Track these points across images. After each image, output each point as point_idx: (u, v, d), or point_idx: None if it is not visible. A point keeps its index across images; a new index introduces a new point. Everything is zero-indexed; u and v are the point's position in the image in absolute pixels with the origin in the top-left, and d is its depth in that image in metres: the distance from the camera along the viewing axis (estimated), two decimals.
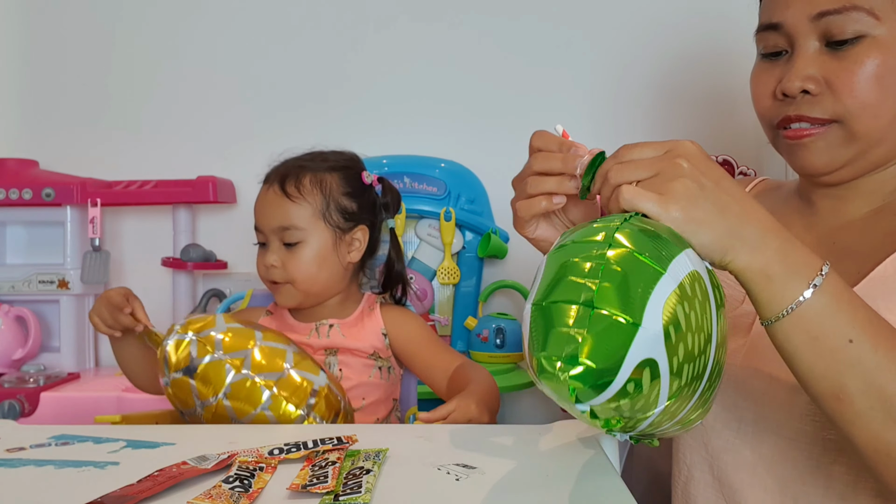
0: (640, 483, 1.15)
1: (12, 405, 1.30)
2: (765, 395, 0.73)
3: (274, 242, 1.06)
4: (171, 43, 1.60)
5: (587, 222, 0.56)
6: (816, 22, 0.69)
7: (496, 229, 1.46)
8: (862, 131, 0.69)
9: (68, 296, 1.48)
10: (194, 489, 0.58)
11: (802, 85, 0.70)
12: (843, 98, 0.69)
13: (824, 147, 0.71)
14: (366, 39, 1.57)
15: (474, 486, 0.59)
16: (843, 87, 0.69)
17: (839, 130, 0.70)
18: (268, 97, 1.59)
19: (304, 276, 1.05)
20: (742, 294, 0.79)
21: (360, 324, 1.12)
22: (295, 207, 1.05)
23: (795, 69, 0.70)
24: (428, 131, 1.56)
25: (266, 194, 1.07)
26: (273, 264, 1.04)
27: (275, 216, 1.06)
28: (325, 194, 1.06)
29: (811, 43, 0.70)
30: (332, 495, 0.56)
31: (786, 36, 0.72)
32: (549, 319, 0.47)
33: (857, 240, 0.74)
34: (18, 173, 1.47)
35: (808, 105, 0.71)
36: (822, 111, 0.70)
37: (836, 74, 0.69)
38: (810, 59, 0.70)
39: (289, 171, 1.09)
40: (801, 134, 0.71)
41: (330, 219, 1.06)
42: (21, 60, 1.63)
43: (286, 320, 1.13)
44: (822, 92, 0.70)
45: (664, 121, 1.52)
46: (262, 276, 1.07)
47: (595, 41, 1.54)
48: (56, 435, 0.73)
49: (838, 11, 0.68)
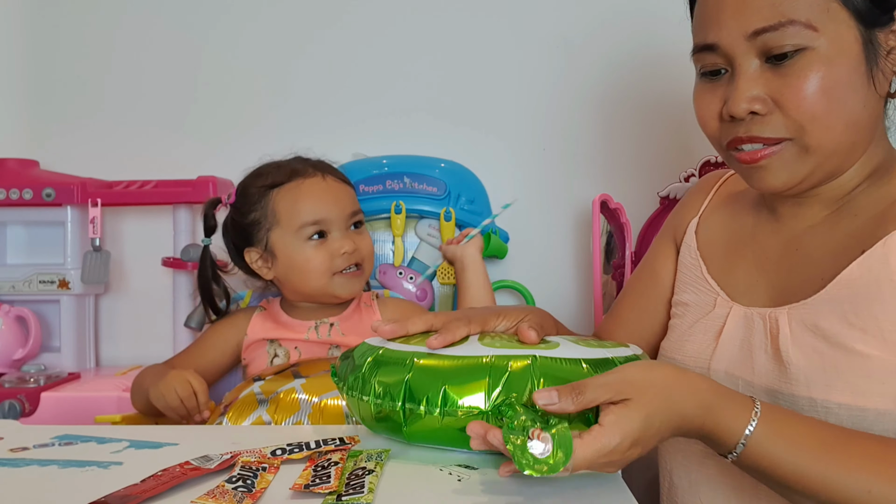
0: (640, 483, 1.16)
1: (13, 405, 1.30)
2: None
3: (342, 229, 1.10)
4: (171, 43, 1.60)
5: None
6: (753, 40, 0.67)
7: (496, 229, 1.46)
8: (815, 144, 0.68)
9: (69, 296, 1.48)
10: (197, 489, 0.58)
11: (749, 107, 0.69)
12: (793, 114, 0.67)
13: (781, 165, 0.70)
14: (366, 39, 1.57)
15: (476, 486, 0.60)
16: (790, 103, 0.67)
17: (793, 147, 0.69)
18: (268, 97, 1.59)
19: (371, 255, 1.15)
20: (713, 298, 0.81)
21: (359, 320, 1.13)
22: (352, 192, 1.15)
23: (739, 91, 0.69)
24: (428, 131, 1.56)
25: (324, 183, 1.11)
26: (350, 249, 1.09)
27: (345, 201, 1.11)
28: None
29: (751, 61, 0.69)
30: (334, 495, 0.56)
31: (723, 56, 0.70)
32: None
33: (820, 243, 0.75)
34: (18, 173, 1.46)
35: (758, 125, 0.69)
36: (773, 130, 0.69)
37: (782, 91, 0.67)
38: (752, 78, 0.69)
39: (321, 164, 1.14)
40: (756, 157, 0.70)
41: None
42: (21, 60, 1.63)
43: (279, 318, 1.14)
44: (770, 111, 0.68)
45: (660, 123, 1.53)
46: (329, 266, 1.09)
47: (596, 41, 1.54)
48: (59, 435, 0.73)
49: (774, 28, 0.66)
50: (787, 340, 0.71)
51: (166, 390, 0.97)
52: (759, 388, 0.73)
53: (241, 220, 1.14)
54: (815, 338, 0.69)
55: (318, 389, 0.94)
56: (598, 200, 1.37)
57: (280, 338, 1.12)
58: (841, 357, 0.67)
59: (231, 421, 0.94)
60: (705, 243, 0.86)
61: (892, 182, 0.73)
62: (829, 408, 0.66)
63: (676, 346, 0.83)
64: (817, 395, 0.67)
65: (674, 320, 0.87)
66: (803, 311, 0.71)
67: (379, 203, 1.44)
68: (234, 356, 1.15)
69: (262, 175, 1.14)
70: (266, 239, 1.11)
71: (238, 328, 1.15)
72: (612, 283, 1.47)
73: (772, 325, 0.73)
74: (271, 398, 0.94)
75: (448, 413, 0.62)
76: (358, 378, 0.68)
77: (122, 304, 1.60)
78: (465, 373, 0.64)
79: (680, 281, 0.88)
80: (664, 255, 0.92)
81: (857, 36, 0.67)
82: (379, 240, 1.48)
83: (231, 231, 1.16)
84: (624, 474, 0.67)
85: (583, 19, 1.54)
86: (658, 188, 1.46)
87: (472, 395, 0.62)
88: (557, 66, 1.55)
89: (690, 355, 0.80)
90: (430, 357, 0.66)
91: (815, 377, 0.68)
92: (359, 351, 0.73)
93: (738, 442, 0.60)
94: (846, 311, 0.67)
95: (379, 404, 0.65)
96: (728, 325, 0.78)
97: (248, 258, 1.14)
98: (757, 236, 0.81)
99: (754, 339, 0.75)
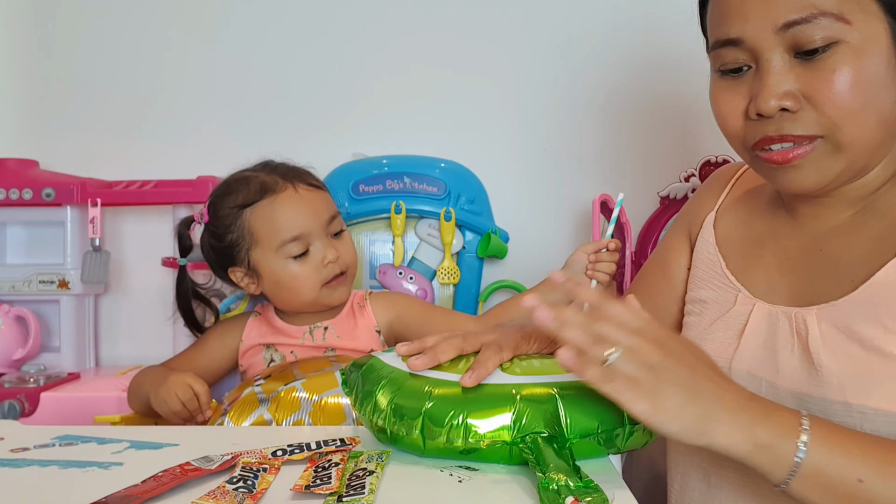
0: (640, 483, 1.16)
1: (12, 405, 1.30)
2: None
3: (322, 238, 1.08)
4: (171, 43, 1.60)
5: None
6: (783, 33, 0.64)
7: (496, 229, 1.46)
8: (848, 141, 0.65)
9: (68, 296, 1.48)
10: (198, 489, 0.58)
11: (779, 104, 0.65)
12: (826, 110, 0.64)
13: (813, 166, 0.67)
14: (366, 39, 1.57)
15: (476, 487, 0.60)
16: (823, 99, 0.64)
17: (825, 145, 0.66)
18: (268, 97, 1.59)
19: (354, 259, 1.12)
20: (734, 295, 0.78)
21: (353, 322, 1.13)
22: (327, 195, 1.11)
23: (769, 87, 0.65)
24: (428, 131, 1.56)
25: (297, 196, 1.07)
26: (334, 258, 1.07)
27: (321, 209, 1.09)
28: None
29: (778, 55, 0.65)
30: (335, 496, 0.56)
31: (748, 51, 0.67)
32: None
33: (844, 246, 0.72)
34: (18, 173, 1.46)
35: (789, 122, 0.66)
36: (806, 127, 0.66)
37: (814, 86, 0.64)
38: (782, 73, 0.65)
39: (290, 172, 1.10)
40: (788, 158, 0.67)
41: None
42: (21, 60, 1.63)
43: (274, 323, 1.13)
44: (801, 107, 0.65)
45: (660, 123, 1.53)
46: (316, 279, 1.07)
47: (596, 41, 1.54)
48: (60, 435, 0.73)
49: (806, 20, 0.63)
50: (817, 342, 0.68)
51: (167, 396, 0.97)
52: (784, 389, 0.71)
53: (218, 244, 1.10)
54: (849, 341, 0.66)
55: (318, 388, 0.94)
56: (598, 200, 1.37)
57: (276, 343, 1.12)
58: (877, 362, 0.64)
59: (232, 420, 0.94)
60: (724, 238, 0.83)
61: None
62: (864, 413, 0.64)
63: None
64: (853, 400, 0.65)
65: (690, 318, 0.84)
66: (833, 313, 0.68)
67: (379, 203, 1.44)
68: (232, 360, 1.15)
69: (231, 193, 1.10)
70: (248, 258, 1.09)
71: (234, 333, 1.15)
72: (613, 283, 1.47)
73: (798, 325, 0.71)
74: (272, 397, 0.94)
75: (470, 444, 0.62)
76: (371, 400, 0.67)
77: (121, 304, 1.60)
78: (487, 402, 0.63)
79: (696, 277, 0.84)
80: (677, 250, 0.89)
81: (887, 28, 0.64)
82: (379, 240, 1.48)
83: (210, 251, 1.13)
84: (624, 474, 0.67)
85: (583, 19, 1.54)
86: (658, 188, 1.46)
87: (495, 425, 0.63)
88: (557, 65, 1.55)
89: (710, 354, 0.78)
90: (446, 387, 0.65)
91: (849, 381, 0.65)
92: (371, 368, 0.70)
93: (799, 437, 0.58)
94: (882, 315, 0.65)
95: (396, 429, 0.65)
96: (751, 323, 0.75)
97: (234, 277, 1.12)
98: (775, 235, 0.78)
99: (779, 338, 0.72)
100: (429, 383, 0.65)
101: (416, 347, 0.70)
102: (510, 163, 1.56)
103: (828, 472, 0.58)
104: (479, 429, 0.62)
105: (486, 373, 0.65)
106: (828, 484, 0.58)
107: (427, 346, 0.69)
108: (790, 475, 0.58)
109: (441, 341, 0.69)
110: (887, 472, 0.57)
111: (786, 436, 0.58)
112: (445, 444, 0.63)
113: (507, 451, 0.63)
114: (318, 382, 0.95)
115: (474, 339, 0.70)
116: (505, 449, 0.62)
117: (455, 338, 0.70)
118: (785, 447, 0.58)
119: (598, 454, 0.65)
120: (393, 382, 0.67)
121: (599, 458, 0.66)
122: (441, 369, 0.67)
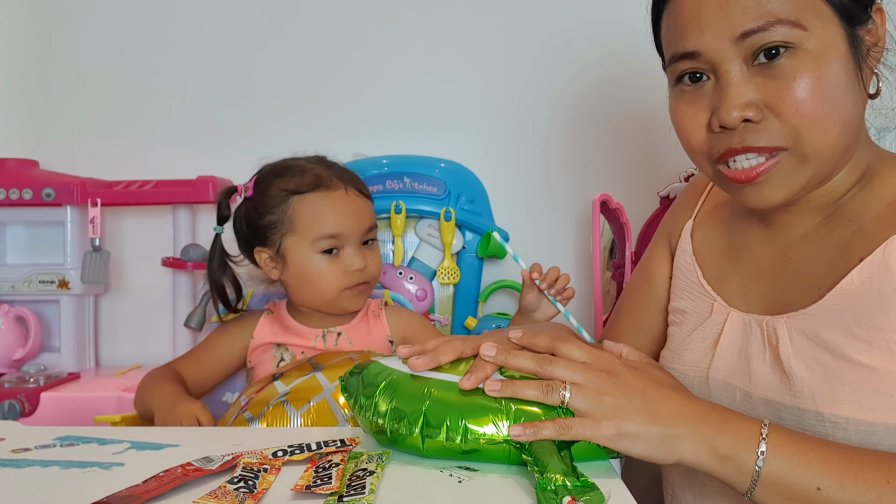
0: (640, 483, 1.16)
1: (12, 405, 1.30)
2: (731, 407, 0.72)
3: (355, 245, 1.09)
4: (171, 43, 1.60)
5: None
6: (741, 43, 0.63)
7: (496, 229, 1.46)
8: (813, 150, 0.64)
9: (68, 296, 1.48)
10: (199, 490, 0.58)
11: (742, 114, 0.64)
12: (789, 118, 0.63)
13: (779, 180, 0.66)
14: (366, 39, 1.57)
15: (476, 487, 0.60)
16: (786, 107, 0.63)
17: (790, 157, 0.65)
18: (268, 97, 1.59)
19: (378, 272, 1.13)
20: (710, 304, 0.79)
21: (367, 330, 1.13)
22: (371, 206, 1.13)
23: (730, 98, 0.64)
24: (428, 131, 1.56)
25: (347, 198, 1.09)
26: (362, 267, 1.08)
27: (364, 217, 1.10)
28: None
29: (737, 66, 0.64)
30: (335, 496, 0.56)
31: (706, 63, 0.66)
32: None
33: (812, 253, 0.72)
34: (18, 173, 1.47)
35: (753, 134, 0.65)
36: (770, 138, 0.64)
37: (776, 94, 0.63)
38: (742, 83, 0.64)
39: (345, 175, 1.12)
40: (752, 175, 0.66)
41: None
42: (21, 61, 1.63)
43: (287, 323, 1.13)
44: (764, 117, 0.64)
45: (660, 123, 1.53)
46: (341, 281, 1.08)
47: (596, 41, 1.54)
48: (61, 436, 0.73)
49: (763, 28, 0.62)
50: (787, 350, 0.68)
51: (174, 424, 0.96)
52: (758, 398, 0.71)
53: (256, 220, 1.11)
54: (818, 348, 0.66)
55: (339, 376, 0.93)
56: (598, 200, 1.37)
57: (287, 343, 1.12)
58: (845, 369, 0.64)
59: (252, 412, 0.92)
60: (700, 248, 0.83)
61: (882, 184, 0.70)
62: (836, 423, 0.64)
63: (675, 356, 0.81)
64: (824, 410, 0.65)
65: (672, 328, 0.84)
66: (802, 321, 0.68)
67: (379, 203, 1.44)
68: (240, 360, 1.14)
69: (285, 177, 1.10)
70: (279, 243, 1.09)
71: (244, 332, 1.14)
72: (613, 283, 1.47)
73: (769, 334, 0.71)
74: (292, 387, 0.93)
75: (469, 443, 0.63)
76: (371, 403, 0.67)
77: (121, 304, 1.60)
78: (485, 405, 0.64)
79: (676, 287, 0.85)
80: (658, 260, 0.90)
81: (843, 34, 0.64)
82: (379, 240, 1.48)
83: (244, 226, 1.13)
84: (624, 474, 0.67)
85: (583, 19, 1.54)
86: (658, 188, 1.46)
87: (493, 429, 0.63)
88: (558, 65, 1.55)
89: (689, 365, 0.78)
90: (446, 389, 0.66)
91: (820, 390, 0.65)
92: (371, 370, 0.71)
93: (758, 447, 0.59)
94: (848, 322, 0.65)
95: (396, 429, 0.65)
96: (726, 331, 0.75)
97: (258, 257, 1.12)
98: (749, 243, 0.79)
99: (752, 346, 0.72)
100: (429, 384, 0.66)
101: (417, 349, 0.70)
102: (510, 163, 1.56)
103: (787, 481, 0.58)
104: (478, 431, 0.63)
105: (486, 376, 0.65)
106: (788, 493, 0.58)
107: (428, 348, 0.70)
108: (753, 484, 0.59)
109: (441, 344, 0.70)
110: (846, 479, 0.58)
111: (745, 446, 0.59)
112: (445, 444, 0.63)
113: (506, 452, 0.63)
114: (338, 371, 0.93)
115: (474, 342, 0.71)
116: (504, 449, 0.63)
117: (455, 341, 0.71)
118: (745, 457, 0.59)
119: (599, 457, 0.65)
120: (393, 383, 0.67)
121: (601, 461, 0.66)
122: (441, 370, 0.68)
